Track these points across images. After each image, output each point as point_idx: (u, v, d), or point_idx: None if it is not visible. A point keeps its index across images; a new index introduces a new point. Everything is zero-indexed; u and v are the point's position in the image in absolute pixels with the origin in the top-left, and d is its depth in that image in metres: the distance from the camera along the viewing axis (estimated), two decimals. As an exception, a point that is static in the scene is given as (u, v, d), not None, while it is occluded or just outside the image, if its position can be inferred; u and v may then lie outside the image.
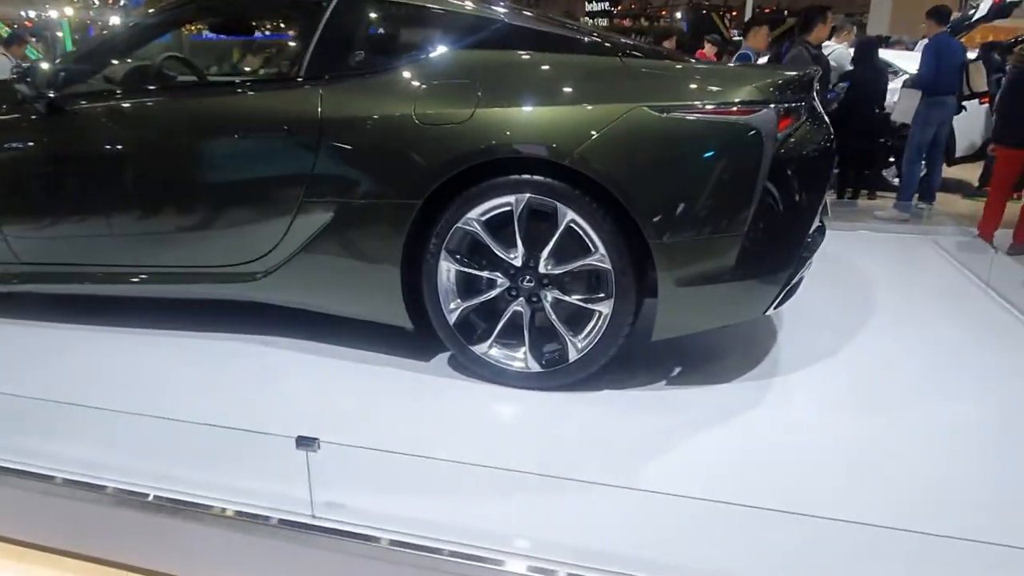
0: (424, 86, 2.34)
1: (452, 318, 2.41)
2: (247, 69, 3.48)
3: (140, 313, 3.02)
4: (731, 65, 2.27)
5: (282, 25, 3.16)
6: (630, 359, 2.45)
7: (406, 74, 2.42)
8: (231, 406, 2.32)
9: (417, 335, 2.54)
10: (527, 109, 2.22)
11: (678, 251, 2.14)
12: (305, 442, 1.66)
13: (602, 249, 2.20)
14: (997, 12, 7.35)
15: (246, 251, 2.64)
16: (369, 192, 2.39)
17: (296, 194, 2.48)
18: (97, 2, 19.60)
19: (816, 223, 2.42)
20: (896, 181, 6.77)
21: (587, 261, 2.24)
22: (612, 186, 2.12)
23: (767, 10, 28.37)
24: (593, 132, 2.12)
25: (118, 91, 2.82)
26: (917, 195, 6.14)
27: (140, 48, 2.87)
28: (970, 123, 7.05)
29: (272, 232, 2.57)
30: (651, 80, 2.24)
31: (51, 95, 2.66)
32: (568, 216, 2.21)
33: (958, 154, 7.24)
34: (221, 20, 3.11)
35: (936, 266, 3.95)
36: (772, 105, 2.15)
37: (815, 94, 2.46)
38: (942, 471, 1.94)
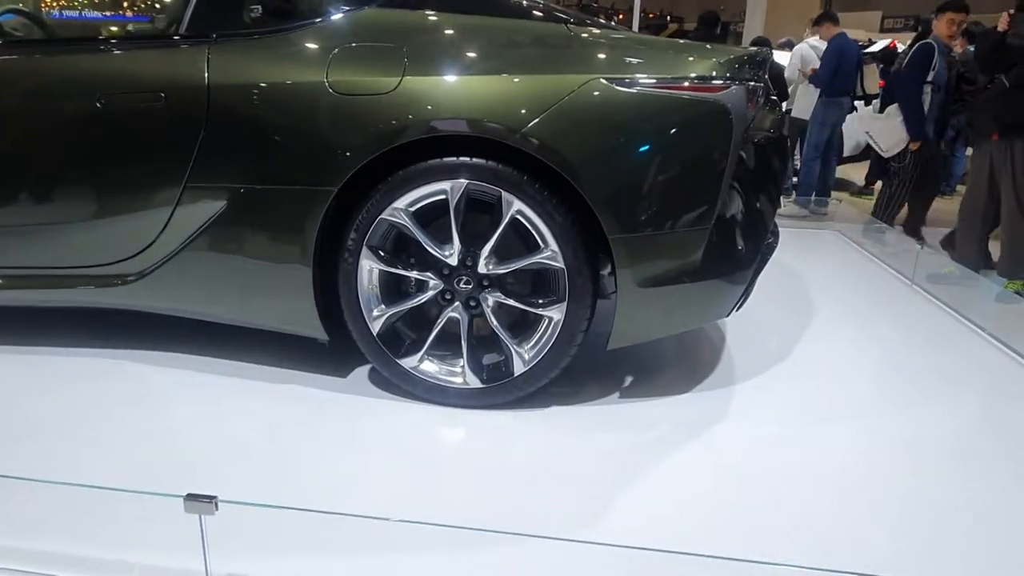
0: (338, 49, 1.94)
1: (376, 327, 2.03)
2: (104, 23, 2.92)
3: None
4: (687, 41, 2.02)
5: None
6: (576, 369, 2.16)
7: (315, 34, 2.01)
8: (99, 453, 1.83)
9: (330, 347, 2.15)
10: (464, 78, 1.88)
11: (641, 247, 1.86)
12: (198, 501, 1.26)
13: (553, 245, 1.89)
14: (884, 57, 7.55)
15: (113, 249, 2.15)
16: (272, 176, 1.97)
17: (176, 178, 2.02)
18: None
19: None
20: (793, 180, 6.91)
21: (536, 259, 1.92)
22: (567, 171, 1.81)
23: (651, 15, 29.32)
24: (544, 106, 1.81)
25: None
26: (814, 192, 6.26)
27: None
28: (854, 124, 7.31)
29: (146, 225, 2.09)
30: (609, 49, 1.95)
31: None
32: (514, 206, 1.89)
33: (845, 153, 7.48)
34: None
35: (848, 256, 3.95)
36: (741, 82, 1.92)
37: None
38: (934, 490, 1.77)
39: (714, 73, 1.88)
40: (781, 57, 7.53)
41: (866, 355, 2.60)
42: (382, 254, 1.99)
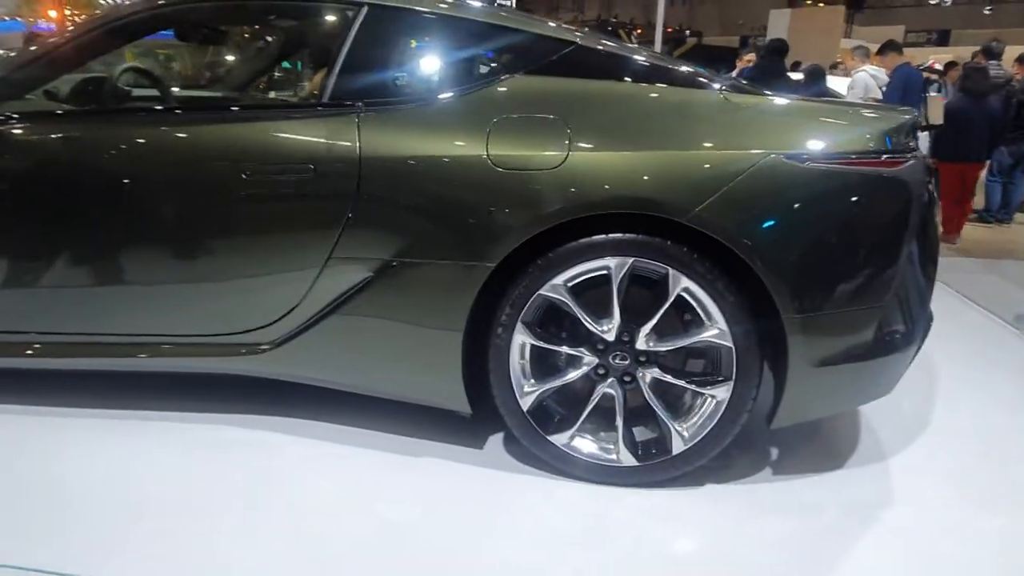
0: (497, 121, 1.89)
1: (526, 403, 1.97)
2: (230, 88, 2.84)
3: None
4: (859, 103, 1.95)
5: (285, 36, 2.59)
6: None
7: (468, 104, 1.96)
8: (232, 543, 1.78)
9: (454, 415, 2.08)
10: (634, 154, 1.82)
11: (816, 326, 1.80)
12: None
13: (722, 323, 1.83)
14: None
15: (248, 317, 2.09)
16: (425, 250, 1.91)
17: (322, 249, 1.97)
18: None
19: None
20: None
21: (702, 337, 1.86)
22: (742, 251, 1.75)
23: (669, 29, 29.40)
24: (718, 185, 1.75)
25: (77, 112, 2.19)
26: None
27: (100, 56, 2.25)
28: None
29: (285, 295, 2.04)
30: (780, 123, 1.89)
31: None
32: (681, 284, 1.82)
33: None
34: (213, 25, 2.51)
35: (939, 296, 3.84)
36: (917, 154, 1.86)
37: None
38: None
39: (893, 147, 1.82)
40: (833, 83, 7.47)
41: (1002, 420, 2.51)
42: (537, 329, 1.93)
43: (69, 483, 1.96)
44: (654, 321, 1.87)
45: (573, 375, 1.96)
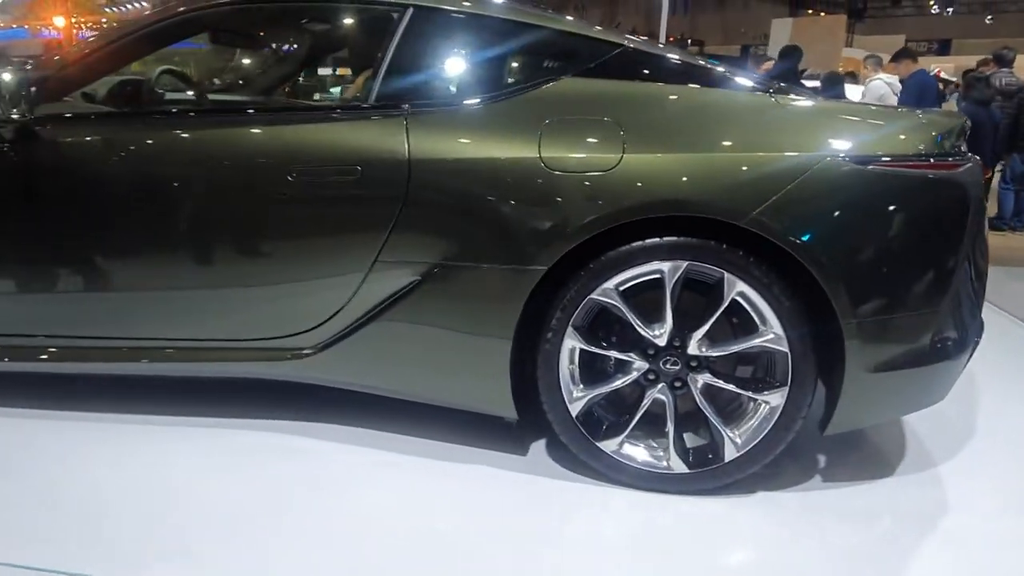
0: (549, 122, 1.87)
1: (575, 409, 1.94)
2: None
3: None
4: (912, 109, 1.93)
5: (331, 37, 2.58)
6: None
7: (518, 106, 1.94)
8: (278, 553, 1.75)
9: (493, 419, 2.06)
10: (688, 156, 1.80)
11: (874, 331, 1.77)
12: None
13: (777, 328, 1.80)
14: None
15: (291, 322, 2.07)
16: (475, 253, 1.89)
17: (368, 252, 1.95)
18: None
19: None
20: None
21: (757, 342, 1.83)
22: (801, 254, 1.73)
23: (672, 38, 29.50)
24: (777, 188, 1.73)
25: (115, 113, 2.17)
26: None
27: (139, 58, 2.23)
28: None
29: (329, 299, 2.02)
30: (836, 125, 1.87)
31: (22, 117, 1.99)
32: (736, 288, 1.80)
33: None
34: (257, 27, 2.49)
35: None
36: (972, 157, 1.84)
37: None
38: None
39: (950, 149, 1.80)
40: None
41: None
42: (586, 334, 1.91)
43: (113, 490, 1.93)
44: (708, 326, 1.85)
45: (624, 380, 1.93)
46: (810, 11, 27.48)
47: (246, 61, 2.82)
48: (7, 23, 23.94)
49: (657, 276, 1.84)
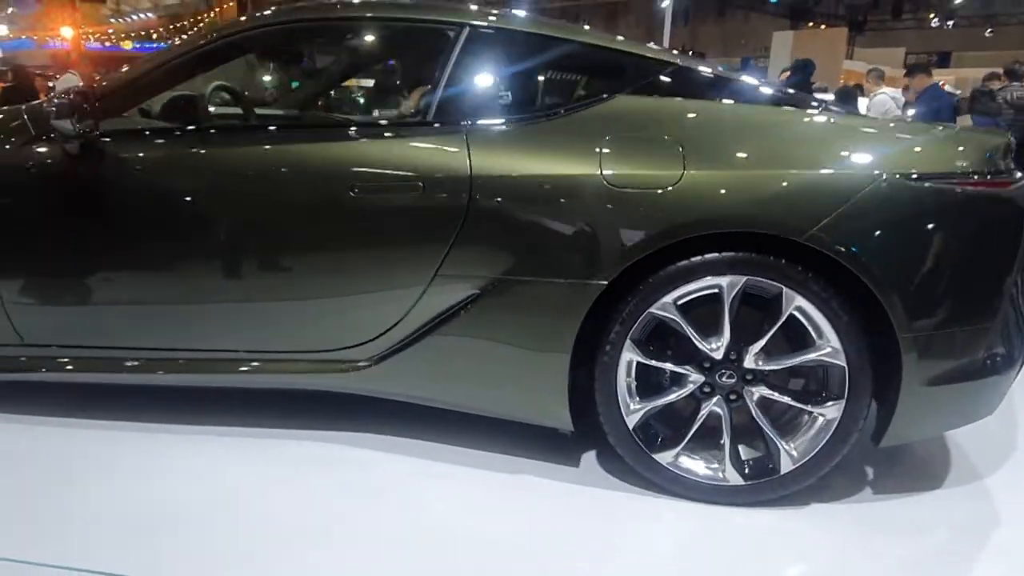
0: (609, 139, 1.91)
1: (632, 421, 1.97)
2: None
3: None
4: (964, 127, 1.99)
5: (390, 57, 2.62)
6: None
7: (576, 123, 1.98)
8: (337, 564, 1.77)
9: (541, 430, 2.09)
10: (747, 174, 1.84)
11: (930, 345, 1.81)
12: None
13: (835, 342, 1.83)
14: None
15: (348, 334, 2.10)
16: (535, 268, 1.92)
17: (428, 266, 1.98)
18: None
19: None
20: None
21: (814, 356, 1.87)
22: (860, 269, 1.77)
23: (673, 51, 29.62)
24: (835, 205, 1.77)
25: (178, 129, 2.20)
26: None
27: (198, 75, 2.27)
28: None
29: (387, 312, 2.05)
30: (890, 143, 1.92)
31: (88, 132, 2.03)
32: (794, 303, 1.84)
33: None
34: (311, 45, 2.53)
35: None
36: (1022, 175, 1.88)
37: None
38: None
39: (1003, 167, 1.84)
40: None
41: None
42: (644, 347, 1.94)
43: (171, 499, 1.96)
44: (765, 340, 1.88)
45: (680, 393, 1.96)
46: (811, 24, 27.66)
47: (302, 78, 2.86)
48: (16, 34, 24.08)
49: (715, 291, 1.87)
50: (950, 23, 26.00)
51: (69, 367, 2.22)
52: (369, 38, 2.42)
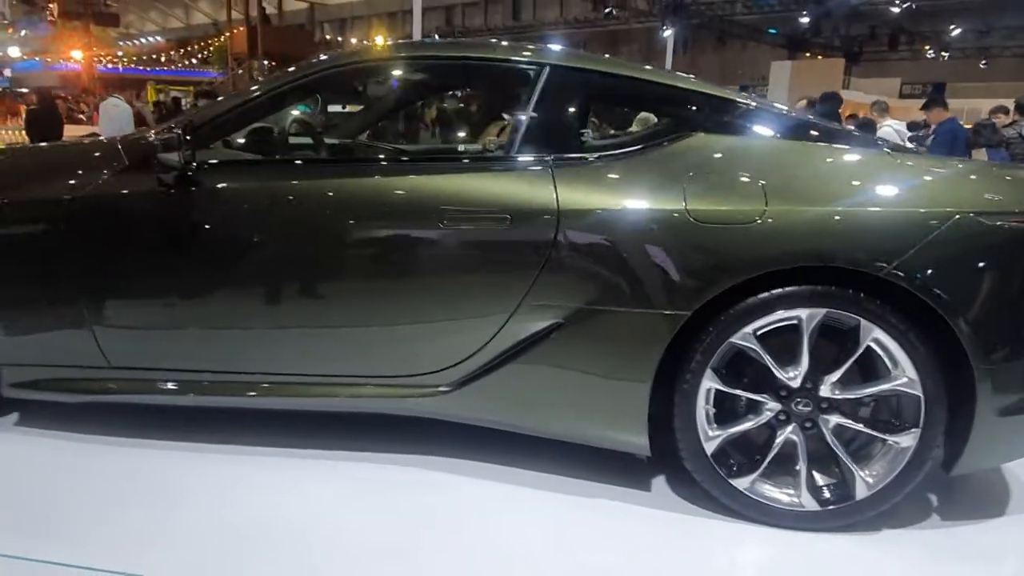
0: (693, 175, 2.00)
1: (710, 447, 2.04)
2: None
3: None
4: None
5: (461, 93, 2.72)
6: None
7: (659, 160, 2.07)
8: None
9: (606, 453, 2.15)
10: (827, 210, 1.93)
11: (1004, 376, 1.88)
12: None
13: (911, 373, 1.91)
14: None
15: (429, 360, 2.16)
16: (620, 298, 2.00)
17: (514, 295, 2.05)
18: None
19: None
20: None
21: (890, 386, 1.94)
22: (939, 304, 1.85)
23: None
24: (913, 241, 1.86)
25: (269, 161, 2.28)
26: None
27: (286, 107, 2.35)
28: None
29: (471, 339, 2.11)
30: (964, 183, 2.01)
31: (187, 163, 2.10)
32: (872, 334, 1.91)
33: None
34: (396, 81, 2.61)
35: None
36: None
37: None
38: None
39: (1068, 206, 1.93)
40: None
41: None
42: (723, 375, 2.01)
43: (251, 521, 2.00)
44: (843, 370, 1.95)
45: (758, 421, 2.03)
46: (807, 54, 28.12)
47: (387, 112, 2.95)
48: (30, 55, 24.32)
49: (794, 322, 1.95)
50: (945, 55, 26.46)
51: (161, 389, 2.27)
52: (453, 76, 2.51)
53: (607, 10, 24.72)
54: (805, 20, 24.62)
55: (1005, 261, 1.89)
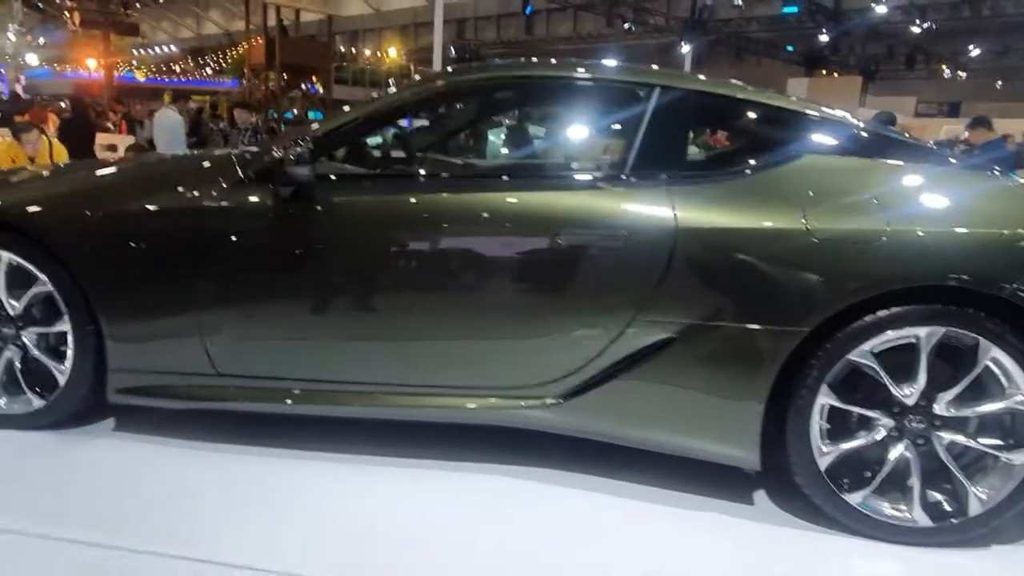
0: (814, 195, 2.05)
1: (823, 463, 2.07)
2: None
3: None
4: None
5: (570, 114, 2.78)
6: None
7: (775, 180, 2.12)
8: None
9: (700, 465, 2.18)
10: (947, 232, 1.97)
11: (1121, 397, 1.92)
12: None
13: (1030, 392, 1.94)
14: None
15: (540, 371, 2.20)
16: (737, 314, 2.04)
17: (627, 310, 2.10)
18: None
19: None
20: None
21: (1007, 404, 1.97)
22: (1060, 322, 1.89)
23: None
24: (1035, 261, 1.90)
25: (383, 175, 2.34)
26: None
27: (394, 121, 2.41)
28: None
29: (581, 353, 2.15)
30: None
31: (308, 177, 2.15)
32: (990, 353, 1.95)
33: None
34: (513, 99, 2.68)
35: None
36: None
37: None
38: None
39: None
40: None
41: None
42: (838, 392, 2.04)
43: (363, 528, 2.05)
44: (960, 387, 1.99)
45: (873, 436, 2.06)
46: (824, 71, 28.22)
47: (495, 129, 3.01)
48: (48, 63, 24.63)
49: (912, 340, 1.98)
50: (962, 74, 26.52)
51: (268, 397, 2.31)
52: (565, 95, 2.57)
53: (626, 25, 24.83)
54: (824, 38, 24.65)
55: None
